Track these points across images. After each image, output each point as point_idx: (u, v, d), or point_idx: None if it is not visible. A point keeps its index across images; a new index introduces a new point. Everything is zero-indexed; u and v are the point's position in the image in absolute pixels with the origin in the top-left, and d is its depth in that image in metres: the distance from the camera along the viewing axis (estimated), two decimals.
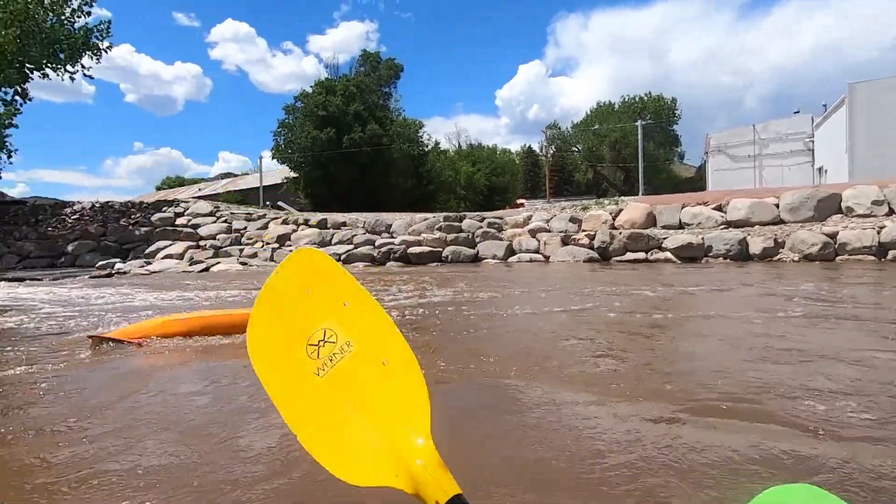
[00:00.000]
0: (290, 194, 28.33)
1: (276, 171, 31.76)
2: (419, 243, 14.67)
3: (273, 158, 28.23)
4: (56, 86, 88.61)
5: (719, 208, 12.84)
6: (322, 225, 17.16)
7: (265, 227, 18.03)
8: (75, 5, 19.50)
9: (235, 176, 47.56)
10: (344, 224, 17.09)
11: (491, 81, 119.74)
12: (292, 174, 27.89)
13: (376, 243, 15.02)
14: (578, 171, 54.61)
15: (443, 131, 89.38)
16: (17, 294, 8.04)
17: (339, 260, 14.76)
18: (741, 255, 11.16)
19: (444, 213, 15.86)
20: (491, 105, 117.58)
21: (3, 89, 18.13)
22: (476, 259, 14.18)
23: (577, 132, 51.97)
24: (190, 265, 14.85)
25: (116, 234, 18.17)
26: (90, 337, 3.51)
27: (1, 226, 19.42)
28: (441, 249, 14.36)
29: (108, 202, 20.90)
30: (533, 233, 14.41)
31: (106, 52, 20.62)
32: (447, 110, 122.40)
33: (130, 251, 17.30)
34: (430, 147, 33.34)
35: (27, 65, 18.19)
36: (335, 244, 15.71)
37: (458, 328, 3.95)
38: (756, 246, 11.16)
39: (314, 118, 25.50)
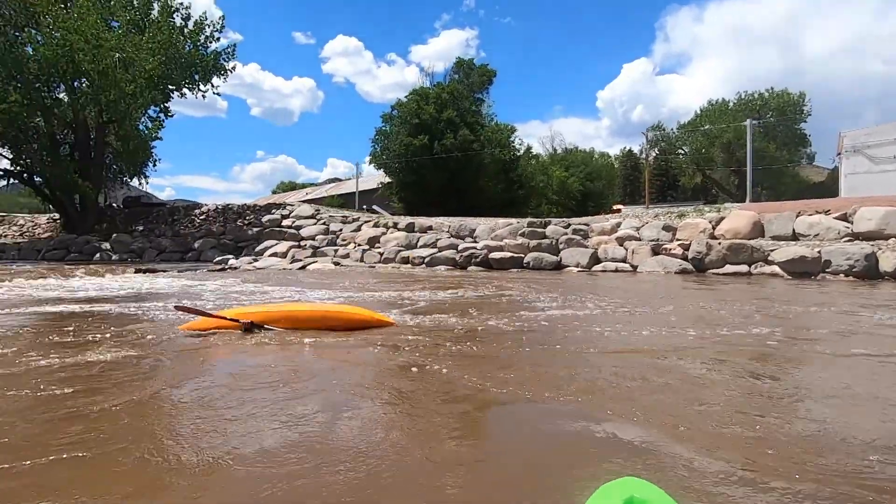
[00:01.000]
0: (384, 198, 29.78)
1: (373, 177, 33.56)
2: (501, 248, 14.65)
3: (370, 164, 29.92)
4: (196, 103, 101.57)
5: (844, 217, 11.25)
6: (409, 228, 17.79)
7: (358, 229, 19.12)
8: (208, 32, 22.34)
9: (340, 181, 51.14)
10: (430, 228, 17.58)
11: (592, 83, 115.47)
12: (387, 179, 29.28)
13: (459, 247, 15.26)
14: (684, 175, 50.73)
15: (539, 135, 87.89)
16: (153, 283, 9.41)
17: (422, 263, 15.29)
18: (868, 271, 9.67)
19: (529, 219, 15.69)
20: (591, 107, 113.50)
21: (150, 108, 21.24)
22: (559, 266, 13.82)
23: (683, 133, 48.35)
24: (290, 263, 16.28)
25: (233, 233, 20.43)
26: (176, 307, 4.12)
27: (146, 224, 22.81)
28: (523, 255, 14.20)
29: (228, 205, 23.59)
30: (621, 241, 13.72)
31: (231, 71, 23.32)
32: (545, 114, 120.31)
33: (244, 248, 19.27)
34: (521, 152, 33.07)
35: (169, 86, 21.15)
36: (420, 247, 16.23)
37: (541, 355, 3.34)
38: (888, 262, 9.60)
39: (408, 126, 26.58)
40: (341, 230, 19.24)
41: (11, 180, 23.83)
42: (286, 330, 3.81)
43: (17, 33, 17.75)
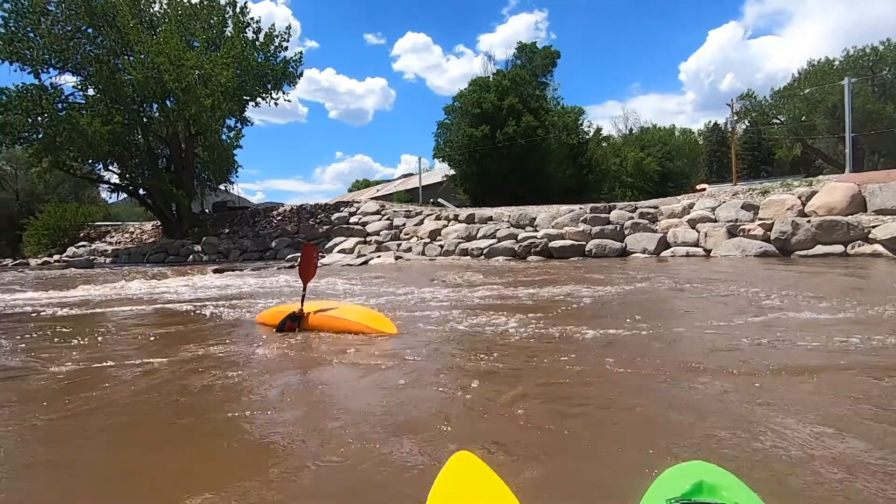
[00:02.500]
0: (450, 191, 29.92)
1: (438, 170, 33.84)
2: (562, 237, 14.13)
3: (434, 158, 30.18)
4: (279, 111, 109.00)
5: None
6: (469, 220, 17.71)
7: (421, 223, 19.37)
8: (277, 42, 23.62)
9: (412, 175, 52.16)
10: (490, 219, 17.37)
11: (673, 55, 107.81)
12: (451, 172, 29.37)
13: (518, 237, 14.93)
14: (781, 148, 45.69)
15: (615, 116, 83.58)
16: (225, 283, 10.19)
17: (481, 254, 15.15)
18: None
19: (592, 205, 14.95)
20: (672, 81, 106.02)
21: (229, 119, 22.94)
22: (623, 253, 13.06)
23: (779, 100, 43.50)
24: (355, 258, 16.87)
25: (305, 232, 21.56)
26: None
27: (231, 227, 24.76)
28: (584, 243, 13.59)
29: (302, 205, 24.93)
30: (693, 223, 12.66)
31: (298, 78, 24.51)
32: (621, 93, 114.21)
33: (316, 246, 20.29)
34: (590, 135, 31.64)
35: (244, 97, 22.68)
36: (479, 238, 16.09)
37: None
38: None
39: (469, 117, 26.40)
40: (404, 224, 19.60)
41: (121, 193, 26.88)
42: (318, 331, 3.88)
43: (116, 61, 19.90)
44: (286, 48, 23.78)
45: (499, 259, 14.17)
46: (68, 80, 22.04)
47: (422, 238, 17.91)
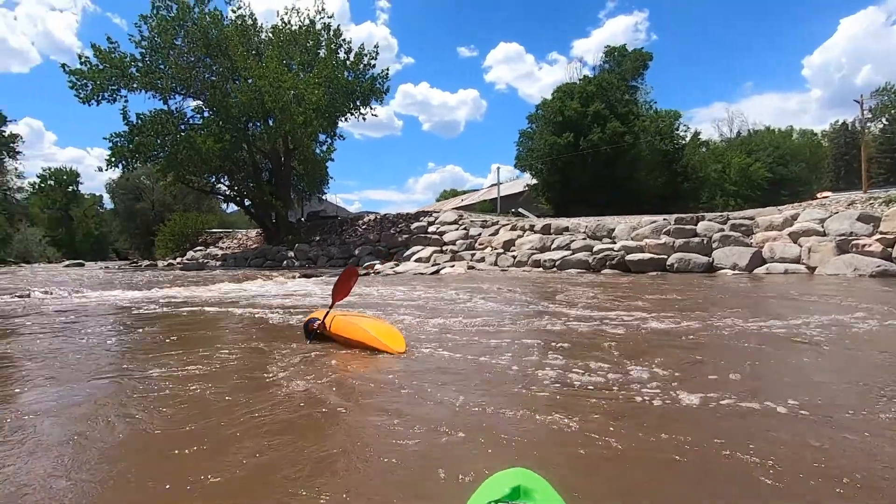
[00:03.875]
0: (530, 200, 29.43)
1: (522, 180, 33.48)
2: (640, 249, 13.25)
3: (516, 167, 29.93)
4: (376, 125, 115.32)
5: None
6: (545, 230, 17.26)
7: (496, 233, 19.25)
8: (366, 61, 24.98)
9: (500, 184, 52.12)
10: (566, 229, 16.79)
11: (795, 49, 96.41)
12: (533, 181, 28.88)
13: (594, 249, 14.26)
14: None
15: (718, 119, 76.92)
16: (302, 287, 10.91)
17: (553, 266, 14.68)
18: None
19: (677, 215, 13.85)
20: (795, 78, 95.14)
21: (320, 135, 24.64)
22: (710, 269, 11.91)
23: None
24: (430, 267, 17.17)
25: (386, 240, 22.39)
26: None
27: (322, 235, 26.48)
28: (665, 256, 12.62)
29: (385, 215, 25.97)
30: (795, 236, 11.21)
31: (385, 93, 25.69)
32: (731, 93, 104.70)
33: (394, 254, 20.97)
34: (687, 139, 29.46)
35: (334, 114, 24.24)
36: (553, 249, 15.61)
37: None
38: None
39: (552, 125, 25.82)
40: (480, 234, 19.60)
41: (230, 204, 29.91)
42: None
43: (227, 86, 22.32)
44: (374, 66, 25.05)
45: (571, 271, 13.63)
46: (189, 105, 25.10)
47: (495, 248, 17.77)
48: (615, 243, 14.18)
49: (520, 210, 26.22)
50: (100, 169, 40.24)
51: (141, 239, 44.59)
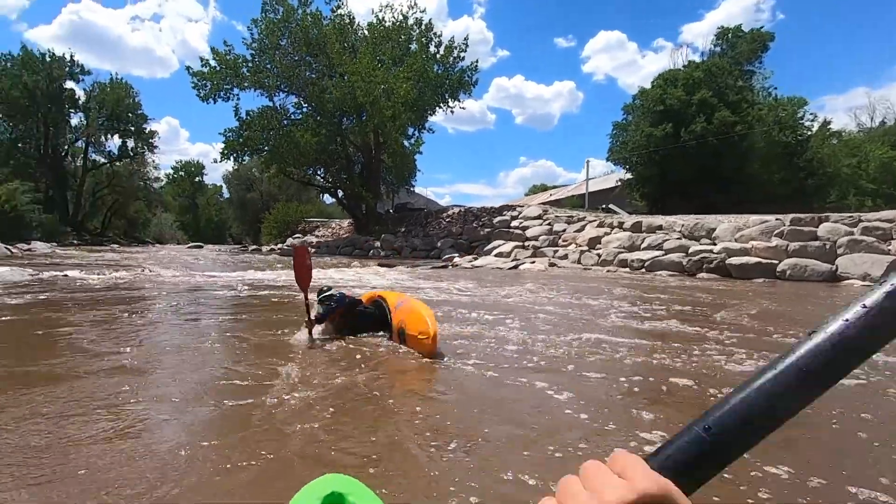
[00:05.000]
0: (623, 197, 27.63)
1: (612, 175, 31.62)
2: (745, 252, 11.80)
3: (608, 160, 28.26)
4: (469, 119, 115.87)
5: None
6: (636, 228, 16.07)
7: (581, 229, 18.33)
8: (455, 53, 24.96)
9: (589, 179, 49.76)
10: (659, 228, 15.48)
11: None
12: (627, 176, 27.09)
13: (690, 250, 12.99)
14: None
15: (856, 106, 66.71)
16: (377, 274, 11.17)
17: (641, 267, 13.60)
18: None
19: (794, 215, 12.09)
20: None
21: (409, 128, 25.10)
22: (833, 278, 10.26)
23: None
24: (510, 262, 16.78)
25: (468, 234, 22.31)
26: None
27: (407, 226, 27.07)
28: (776, 261, 11.10)
29: (469, 208, 25.88)
30: None
31: (474, 86, 25.50)
32: (874, 78, 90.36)
33: (476, 248, 20.82)
34: (814, 130, 25.87)
35: (423, 107, 24.53)
36: (643, 249, 14.47)
37: None
38: None
39: (650, 115, 23.94)
40: (564, 230, 18.80)
41: (324, 195, 31.63)
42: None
43: (324, 82, 23.52)
44: (463, 58, 24.95)
45: (661, 273, 12.53)
46: (291, 101, 26.84)
47: (580, 245, 16.92)
48: (715, 244, 12.78)
49: (610, 206, 24.76)
50: (215, 161, 44.59)
51: (251, 226, 48.86)
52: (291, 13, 23.55)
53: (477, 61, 25.49)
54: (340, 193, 29.97)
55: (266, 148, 24.93)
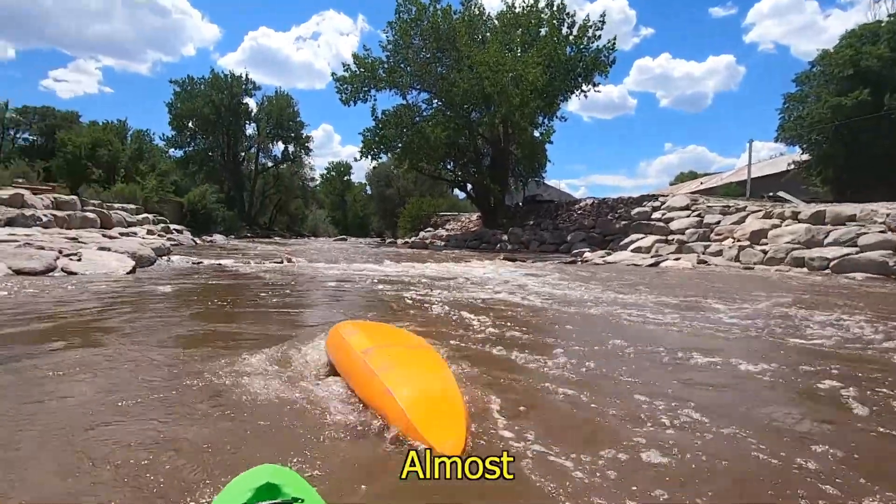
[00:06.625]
0: (797, 182, 23.09)
1: (781, 158, 26.70)
2: None
3: (777, 140, 23.87)
4: (607, 105, 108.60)
5: None
6: (816, 219, 13.17)
7: (741, 221, 15.71)
8: (590, 33, 23.23)
9: (751, 164, 42.94)
10: (851, 218, 12.46)
11: None
12: (803, 156, 22.56)
13: None
14: None
15: None
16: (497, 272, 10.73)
17: (825, 267, 11.06)
18: None
19: None
20: None
21: (538, 116, 24.06)
22: None
23: None
24: (650, 258, 15.00)
25: (601, 227, 20.66)
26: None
27: (535, 219, 26.12)
28: None
29: (603, 199, 24.00)
30: None
31: (610, 66, 23.48)
32: None
33: (610, 242, 19.18)
34: None
35: (553, 93, 23.29)
36: (827, 245, 11.75)
37: None
38: None
39: (836, 81, 19.47)
40: (718, 222, 16.30)
41: (453, 189, 32.09)
42: None
43: (452, 75, 23.64)
44: (599, 37, 23.11)
45: (855, 276, 9.99)
46: (422, 98, 27.57)
47: (738, 240, 14.45)
48: None
49: (779, 194, 20.88)
50: (355, 159, 48.43)
51: (390, 220, 52.07)
52: (423, 11, 24.08)
53: (615, 38, 23.37)
54: (469, 187, 30.11)
55: (399, 145, 25.95)
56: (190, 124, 42.98)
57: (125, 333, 3.34)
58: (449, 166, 29.53)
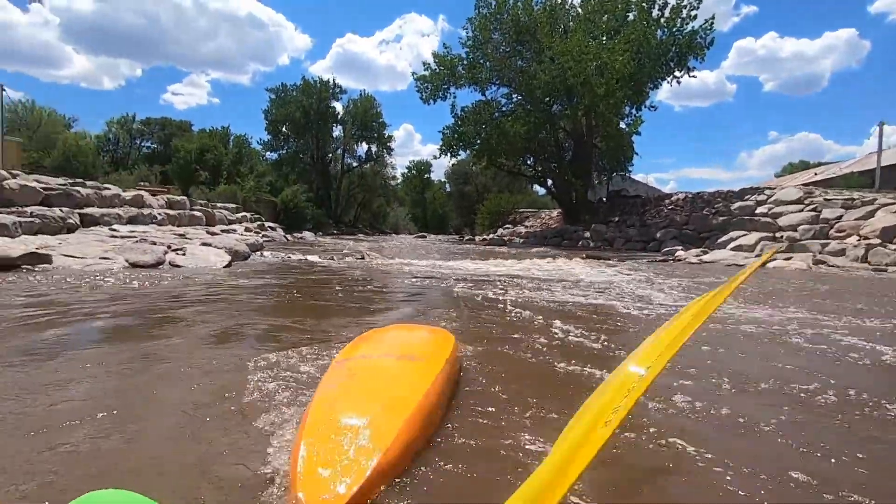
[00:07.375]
0: None
1: None
2: None
3: None
4: (702, 92, 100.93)
5: None
6: None
7: (869, 215, 13.74)
8: (684, 14, 21.49)
9: (873, 154, 37.36)
10: None
11: None
12: None
13: None
14: None
15: None
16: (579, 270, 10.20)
17: None
18: None
19: None
20: None
21: (625, 107, 22.70)
22: None
23: None
24: (744, 258, 13.54)
25: (696, 223, 19.05)
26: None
27: (621, 215, 24.72)
28: None
29: (698, 193, 22.14)
30: None
31: (708, 48, 21.57)
32: None
33: (706, 239, 17.66)
34: None
35: (642, 80, 21.84)
36: None
37: None
38: None
39: None
40: (839, 217, 14.40)
41: (536, 185, 31.33)
42: None
43: (532, 68, 23.02)
44: (695, 17, 21.31)
45: None
46: (501, 92, 27.17)
47: (865, 238, 12.64)
48: None
49: None
50: (434, 157, 49.05)
51: (468, 217, 52.25)
52: (503, 4, 23.68)
53: (713, 18, 21.40)
54: (549, 182, 29.26)
55: (478, 141, 25.80)
56: (283, 129, 46.04)
57: (209, 324, 3.49)
58: (528, 162, 28.90)
